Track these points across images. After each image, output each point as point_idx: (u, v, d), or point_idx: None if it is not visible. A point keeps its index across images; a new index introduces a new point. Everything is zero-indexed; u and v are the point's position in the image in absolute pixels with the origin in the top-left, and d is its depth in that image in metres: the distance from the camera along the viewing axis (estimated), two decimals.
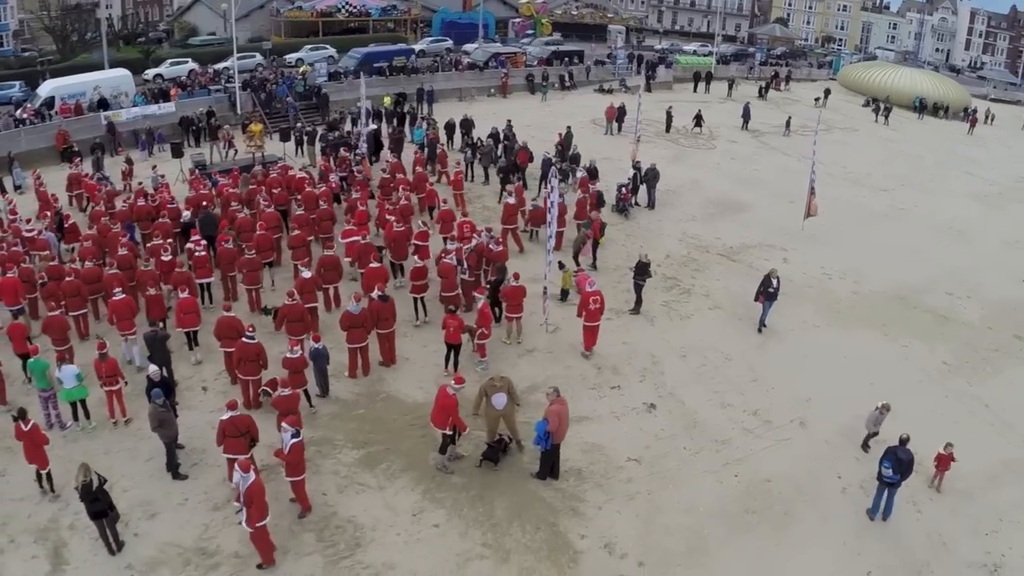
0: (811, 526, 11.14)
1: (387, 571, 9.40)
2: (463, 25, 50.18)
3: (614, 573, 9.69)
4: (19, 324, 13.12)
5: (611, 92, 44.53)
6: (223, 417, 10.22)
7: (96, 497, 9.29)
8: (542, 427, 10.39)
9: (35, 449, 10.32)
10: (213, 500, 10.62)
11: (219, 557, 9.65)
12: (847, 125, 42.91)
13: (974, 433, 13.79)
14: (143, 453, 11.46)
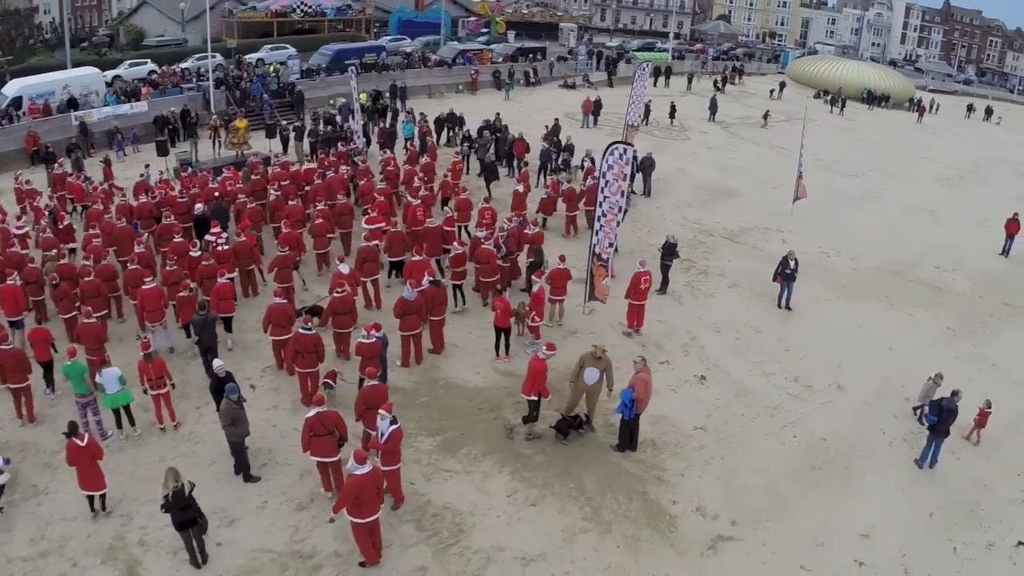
0: (870, 477, 12.10)
1: (497, 554, 9.57)
2: (420, 24, 50.64)
3: (713, 533, 10.34)
4: (42, 329, 12.57)
5: (575, 87, 45.78)
6: (309, 415, 9.85)
7: (187, 504, 8.75)
8: (628, 395, 10.98)
9: (92, 468, 9.52)
10: (295, 500, 10.33)
11: (318, 558, 9.37)
12: (806, 116, 44.93)
13: (988, 390, 15.02)
14: (203, 457, 11.06)
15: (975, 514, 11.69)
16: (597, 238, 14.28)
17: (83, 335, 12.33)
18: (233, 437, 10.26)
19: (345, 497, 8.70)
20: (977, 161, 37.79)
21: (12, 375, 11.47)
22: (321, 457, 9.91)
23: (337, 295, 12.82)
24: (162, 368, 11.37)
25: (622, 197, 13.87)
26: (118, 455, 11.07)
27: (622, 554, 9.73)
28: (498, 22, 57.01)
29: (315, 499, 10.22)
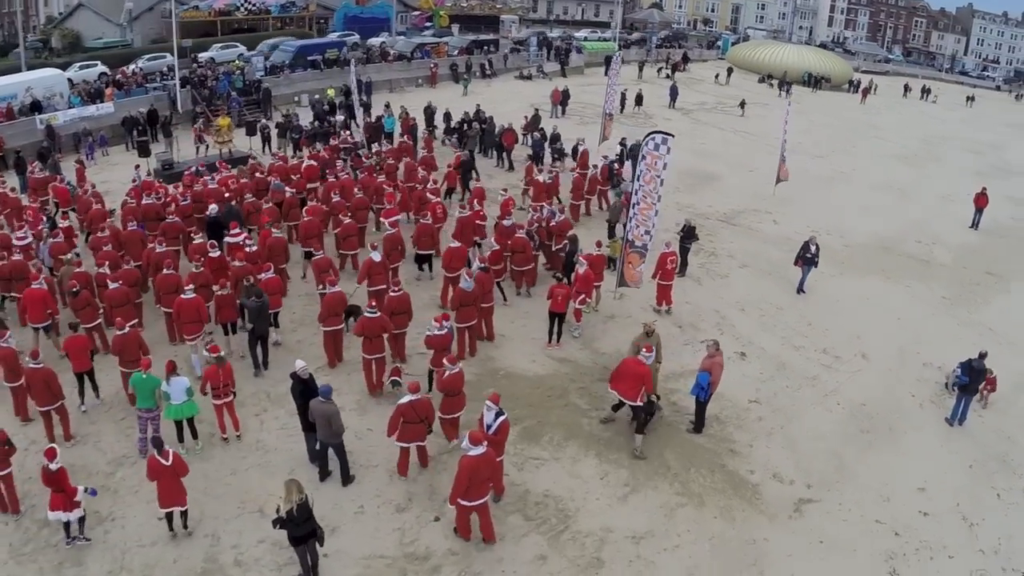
0: (911, 436, 13.22)
1: (608, 535, 9.98)
2: (366, 19, 50.54)
3: (794, 497, 11.17)
4: (81, 336, 11.94)
5: (531, 79, 46.62)
6: (402, 401, 10.06)
7: (308, 516, 8.51)
8: (705, 378, 11.67)
9: (175, 483, 9.16)
10: (392, 502, 10.30)
11: (435, 559, 9.42)
12: (756, 100, 46.98)
13: (994, 350, 16.50)
14: (279, 467, 10.80)
15: (1007, 463, 12.95)
16: (630, 225, 14.98)
17: (121, 347, 11.80)
18: (333, 439, 10.14)
19: (460, 482, 8.92)
20: (927, 139, 40.40)
21: (41, 397, 10.90)
22: (406, 442, 10.23)
23: (394, 294, 12.86)
24: (230, 375, 11.14)
25: (661, 185, 14.54)
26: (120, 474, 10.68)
27: (720, 524, 10.43)
28: (441, 16, 57.31)
29: (413, 498, 10.35)
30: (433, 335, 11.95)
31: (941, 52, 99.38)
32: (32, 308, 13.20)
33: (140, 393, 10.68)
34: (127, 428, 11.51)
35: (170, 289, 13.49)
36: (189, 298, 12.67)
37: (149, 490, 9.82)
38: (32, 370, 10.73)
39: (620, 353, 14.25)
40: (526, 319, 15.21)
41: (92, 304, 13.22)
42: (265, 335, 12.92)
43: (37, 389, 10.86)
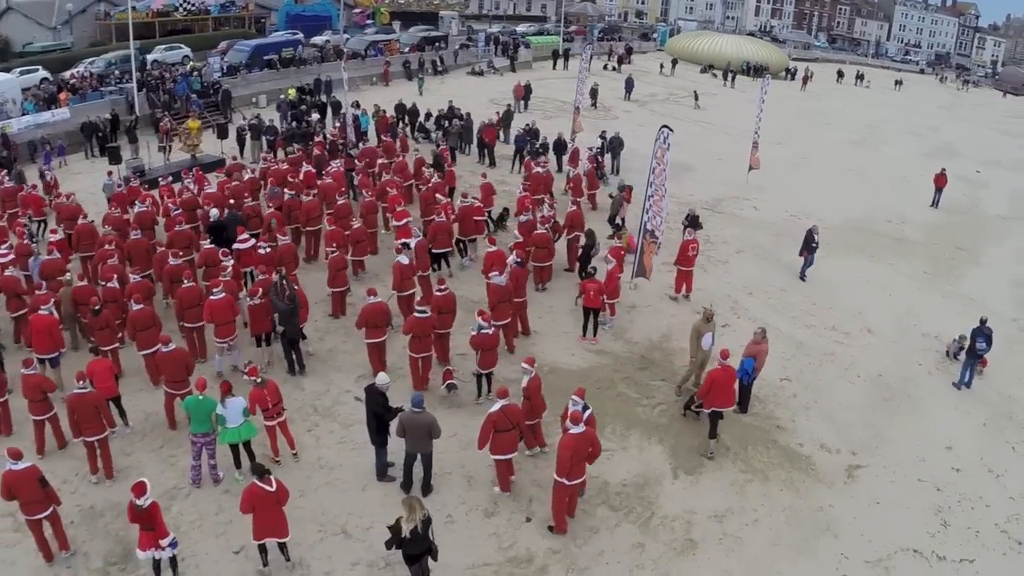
0: (927, 401, 14.40)
1: (693, 516, 10.47)
2: (308, 18, 50.15)
3: (844, 464, 12.08)
4: (104, 361, 11.38)
5: (482, 74, 47.16)
6: (492, 409, 9.92)
7: (426, 534, 8.32)
8: (750, 364, 12.42)
9: (278, 514, 8.73)
10: (479, 507, 10.30)
11: (539, 559, 9.54)
12: (704, 91, 48.68)
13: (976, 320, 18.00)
14: (350, 482, 10.64)
15: (1014, 420, 14.32)
16: (648, 216, 15.72)
17: (165, 365, 11.38)
18: (426, 448, 10.05)
19: (563, 460, 9.21)
20: (871, 124, 42.80)
21: (90, 426, 10.15)
22: (501, 455, 10.16)
23: (439, 293, 12.98)
24: (277, 393, 10.74)
25: (665, 179, 15.31)
26: (224, 500, 10.25)
27: (787, 496, 11.21)
28: (382, 13, 57.18)
29: (498, 502, 10.43)
30: (482, 334, 12.02)
31: (865, 38, 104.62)
32: (39, 337, 12.26)
33: (195, 417, 10.10)
34: (168, 456, 11.08)
35: (193, 303, 13.12)
36: (219, 299, 12.49)
37: (214, 523, 9.78)
38: (78, 395, 10.01)
39: (651, 342, 15.07)
40: (552, 314, 15.72)
41: (112, 325, 12.73)
42: (297, 338, 12.93)
43: (85, 416, 10.06)
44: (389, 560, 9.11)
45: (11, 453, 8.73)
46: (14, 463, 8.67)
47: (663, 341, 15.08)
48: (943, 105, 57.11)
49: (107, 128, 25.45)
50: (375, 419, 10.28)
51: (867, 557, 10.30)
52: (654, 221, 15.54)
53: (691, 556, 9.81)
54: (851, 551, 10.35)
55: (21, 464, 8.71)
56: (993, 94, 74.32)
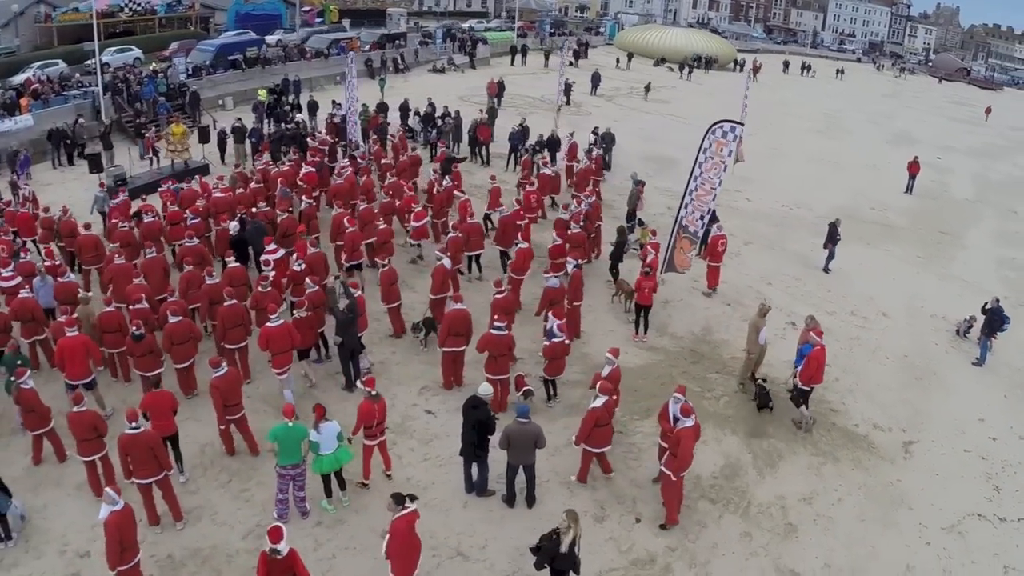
0: (952, 377, 15.61)
1: (784, 501, 11.12)
2: (258, 16, 49.58)
3: (899, 441, 13.07)
4: (165, 393, 10.60)
5: (443, 71, 47.49)
6: (595, 405, 10.33)
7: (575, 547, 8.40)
8: (808, 349, 13.19)
9: (412, 543, 8.45)
10: (587, 512, 10.37)
11: (660, 559, 9.89)
12: (664, 84, 50.14)
13: (975, 299, 19.37)
14: (449, 501, 10.53)
15: None
16: (685, 211, 16.48)
17: (223, 387, 10.68)
18: (529, 459, 10.15)
19: (688, 455, 9.88)
20: (829, 113, 44.89)
21: (144, 468, 9.47)
22: (598, 448, 10.67)
23: (499, 296, 13.24)
24: (385, 411, 10.41)
25: (724, 171, 16.03)
26: (341, 529, 10.00)
27: (860, 474, 12.10)
28: (331, 11, 56.94)
29: (604, 506, 10.74)
30: (553, 343, 12.37)
31: (801, 28, 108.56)
32: (72, 362, 11.51)
33: (285, 447, 9.55)
34: (240, 492, 10.63)
35: (236, 322, 12.64)
36: (278, 326, 11.81)
37: (314, 561, 9.21)
38: (132, 436, 9.29)
39: (695, 335, 15.86)
40: (592, 313, 16.23)
41: (155, 350, 12.08)
42: (356, 349, 12.83)
43: (139, 458, 9.38)
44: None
45: (109, 498, 8.37)
46: (113, 504, 8.30)
47: (705, 334, 15.89)
48: (887, 93, 60.08)
49: (74, 133, 24.82)
50: (477, 432, 10.12)
51: (941, 524, 11.26)
52: (692, 216, 16.26)
53: (794, 539, 10.55)
54: (926, 520, 11.30)
55: (119, 505, 8.34)
56: (929, 81, 78.53)
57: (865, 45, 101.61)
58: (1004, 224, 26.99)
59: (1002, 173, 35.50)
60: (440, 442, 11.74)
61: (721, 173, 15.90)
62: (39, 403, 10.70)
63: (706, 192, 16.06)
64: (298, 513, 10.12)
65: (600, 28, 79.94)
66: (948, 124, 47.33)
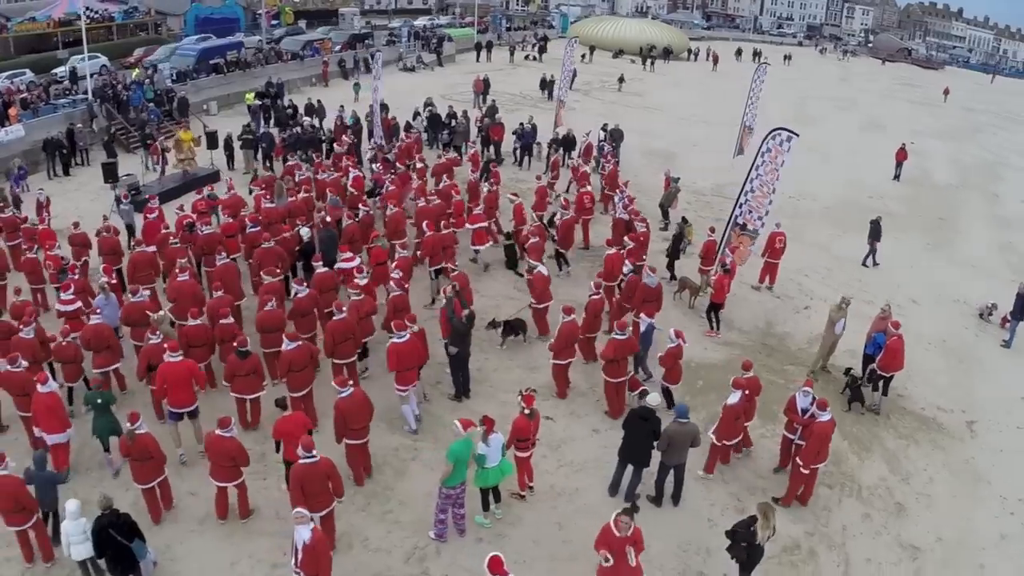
0: (986, 359, 17.24)
1: (886, 482, 12.42)
2: (218, 20, 49.36)
3: (962, 421, 14.53)
4: (298, 415, 10.53)
5: (413, 70, 47.97)
6: (733, 401, 11.28)
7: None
8: (881, 338, 14.47)
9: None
10: (729, 505, 11.33)
11: (804, 543, 10.85)
12: (630, 76, 51.49)
13: (989, 283, 21.10)
14: (597, 506, 10.96)
15: None
16: (740, 210, 17.69)
17: (350, 411, 10.66)
18: (683, 459, 10.88)
19: (825, 446, 10.96)
20: (797, 100, 46.85)
21: (319, 499, 9.33)
22: (731, 441, 11.81)
23: (593, 297, 14.09)
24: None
25: (778, 179, 17.22)
26: (506, 544, 10.25)
27: (939, 453, 13.49)
28: (287, 12, 56.80)
29: (740, 497, 11.67)
30: (671, 348, 13.13)
31: (740, 14, 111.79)
32: (178, 388, 11.29)
33: (461, 465, 9.70)
34: (384, 514, 10.78)
35: (346, 336, 12.69)
36: (405, 341, 11.83)
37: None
38: (308, 467, 9.11)
39: (760, 330, 17.09)
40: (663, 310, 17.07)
41: (259, 371, 12.07)
42: (467, 359, 13.32)
43: (314, 489, 9.26)
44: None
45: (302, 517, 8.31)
46: (302, 528, 8.26)
47: (768, 328, 17.16)
48: (842, 77, 62.79)
49: (73, 141, 24.74)
50: (647, 440, 10.70)
51: (1018, 496, 12.69)
52: (750, 216, 17.46)
53: (906, 517, 11.81)
54: (1005, 493, 12.71)
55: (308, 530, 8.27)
56: (872, 62, 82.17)
57: (803, 28, 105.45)
58: (991, 208, 29.20)
59: (974, 156, 38.05)
60: (568, 447, 12.50)
61: (776, 181, 17.08)
62: (157, 449, 10.08)
63: (764, 195, 17.25)
64: (456, 532, 10.37)
65: (552, 21, 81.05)
66: (910, 107, 50.14)
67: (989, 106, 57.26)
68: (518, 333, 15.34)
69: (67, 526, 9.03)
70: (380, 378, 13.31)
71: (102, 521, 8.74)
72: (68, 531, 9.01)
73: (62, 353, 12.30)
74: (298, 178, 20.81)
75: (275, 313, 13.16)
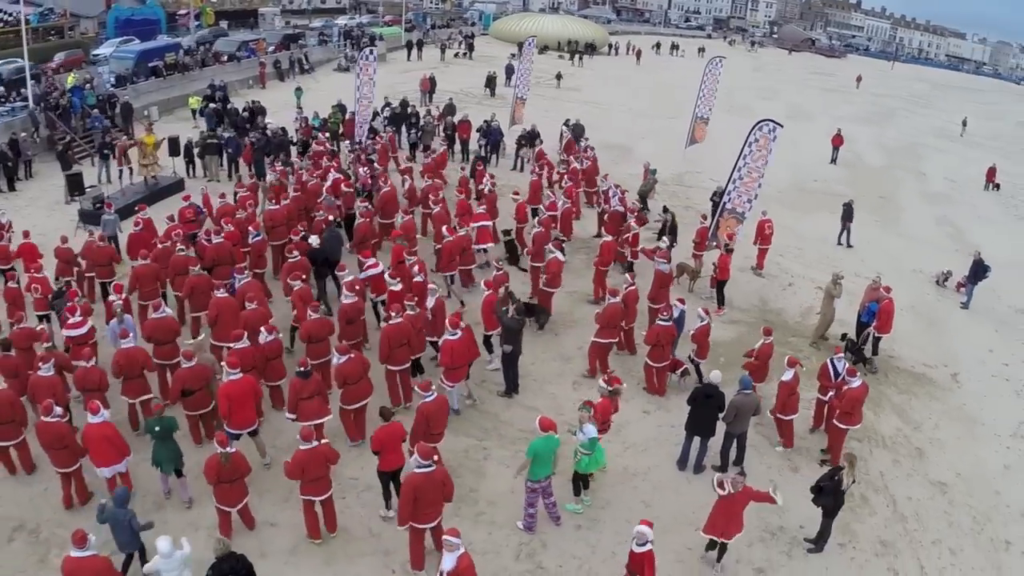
0: (950, 319, 19.37)
1: (905, 429, 13.97)
2: (139, 22, 48.14)
3: (947, 375, 16.38)
4: (396, 425, 10.29)
5: (348, 70, 48.00)
6: (787, 378, 12.26)
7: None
8: (875, 306, 16.02)
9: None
10: (782, 466, 12.46)
11: (857, 491, 11.71)
12: (548, 73, 52.83)
13: (936, 254, 23.42)
14: (672, 481, 11.85)
15: (1007, 323, 19.67)
16: (729, 197, 19.21)
17: (436, 415, 10.75)
18: (745, 427, 11.94)
19: (857, 413, 12.33)
20: (727, 91, 48.97)
21: (430, 510, 9.33)
22: (789, 416, 12.76)
23: (632, 287, 15.01)
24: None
25: (765, 164, 18.76)
26: (603, 528, 10.87)
27: (937, 403, 15.24)
28: (207, 12, 55.82)
29: (792, 458, 12.81)
30: (702, 326, 14.22)
31: (648, 8, 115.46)
32: (241, 408, 10.94)
33: (541, 460, 10.05)
34: (477, 516, 11.00)
35: (401, 341, 12.55)
36: (458, 339, 12.23)
37: (598, 561, 10.19)
38: (424, 476, 9.04)
39: (757, 307, 18.60)
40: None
41: (323, 392, 11.68)
42: (519, 355, 13.76)
43: (428, 499, 9.19)
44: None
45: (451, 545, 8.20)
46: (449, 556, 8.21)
47: (764, 305, 18.72)
48: (756, 68, 66.17)
49: (18, 152, 23.87)
50: (713, 413, 11.71)
51: (1009, 432, 14.63)
52: (739, 199, 18.98)
53: (927, 459, 13.48)
54: (998, 431, 14.62)
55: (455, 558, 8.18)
56: (779, 52, 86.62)
57: (711, 21, 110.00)
58: (921, 186, 32.07)
59: (894, 139, 41.34)
60: (627, 430, 13.24)
61: (764, 167, 18.64)
62: (247, 468, 9.96)
63: (752, 180, 18.80)
64: (551, 521, 10.79)
65: (471, 19, 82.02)
66: (826, 95, 53.60)
67: (895, 91, 61.76)
68: (532, 315, 15.99)
69: (158, 565, 8.30)
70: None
71: (223, 568, 8.26)
72: (160, 570, 8.31)
73: (87, 381, 11.36)
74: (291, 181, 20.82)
75: (324, 322, 13.06)
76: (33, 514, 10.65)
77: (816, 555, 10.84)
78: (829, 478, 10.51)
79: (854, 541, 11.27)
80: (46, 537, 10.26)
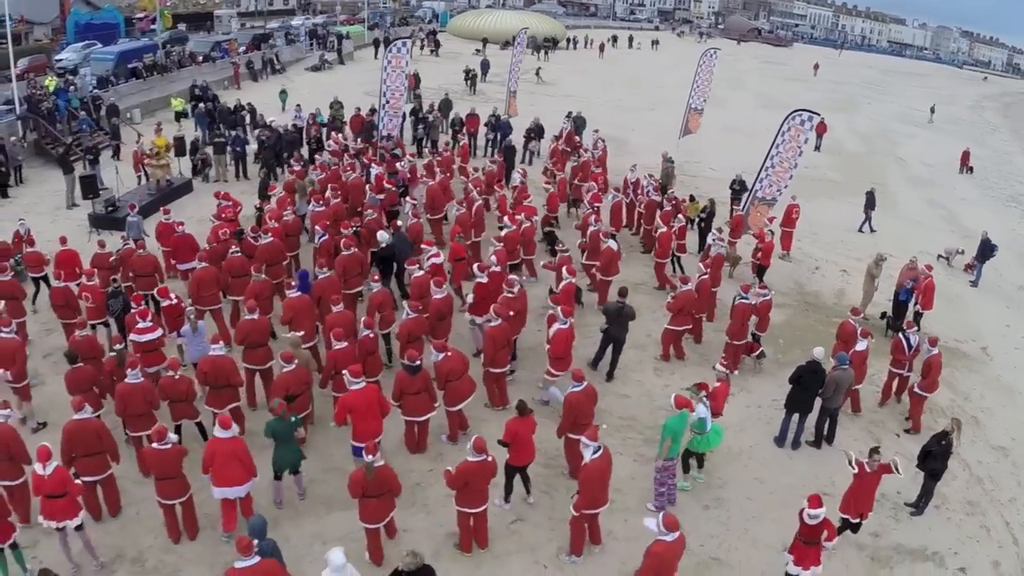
0: (964, 297, 20.83)
1: (957, 400, 15.02)
2: (99, 26, 47.39)
3: (978, 348, 17.70)
4: (529, 420, 10.46)
5: (320, 69, 47.91)
6: (859, 348, 13.23)
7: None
8: (908, 292, 17.36)
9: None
10: (860, 439, 13.24)
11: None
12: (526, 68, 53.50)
13: (937, 235, 24.87)
14: (774, 460, 12.57)
15: (1014, 299, 21.25)
16: (760, 184, 20.18)
17: (584, 405, 10.97)
18: (839, 403, 12.69)
19: (935, 379, 13.47)
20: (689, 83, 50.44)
21: (603, 493, 9.73)
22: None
23: (704, 277, 15.94)
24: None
25: (800, 155, 19.69)
26: (731, 507, 11.42)
27: (976, 376, 16.47)
28: (166, 16, 54.89)
29: (871, 431, 13.71)
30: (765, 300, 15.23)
31: (594, 2, 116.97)
32: (365, 418, 10.63)
33: (678, 438, 10.73)
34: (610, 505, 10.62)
35: (504, 343, 12.80)
36: (565, 328, 12.71)
37: (739, 532, 10.82)
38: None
39: (794, 291, 19.59)
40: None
41: (430, 389, 11.62)
42: (623, 340, 14.23)
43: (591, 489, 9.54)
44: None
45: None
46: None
47: (800, 288, 19.79)
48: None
49: (8, 157, 23.54)
50: (815, 388, 12.47)
51: None
52: (769, 188, 19.95)
53: (982, 426, 14.63)
54: None
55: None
56: (728, 43, 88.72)
57: (654, 14, 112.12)
58: (904, 171, 33.82)
59: (866, 125, 43.25)
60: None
61: (798, 157, 19.59)
62: (397, 481, 9.56)
63: (784, 170, 19.76)
64: (668, 502, 11.06)
65: (423, 16, 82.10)
66: (787, 84, 55.42)
67: (849, 78, 64.29)
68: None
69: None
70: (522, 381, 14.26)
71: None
72: None
73: (174, 389, 11.08)
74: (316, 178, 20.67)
75: (420, 321, 12.97)
76: (130, 542, 10.03)
77: (918, 517, 11.82)
78: (936, 443, 11.43)
79: (946, 503, 12.28)
80: (153, 566, 9.65)
